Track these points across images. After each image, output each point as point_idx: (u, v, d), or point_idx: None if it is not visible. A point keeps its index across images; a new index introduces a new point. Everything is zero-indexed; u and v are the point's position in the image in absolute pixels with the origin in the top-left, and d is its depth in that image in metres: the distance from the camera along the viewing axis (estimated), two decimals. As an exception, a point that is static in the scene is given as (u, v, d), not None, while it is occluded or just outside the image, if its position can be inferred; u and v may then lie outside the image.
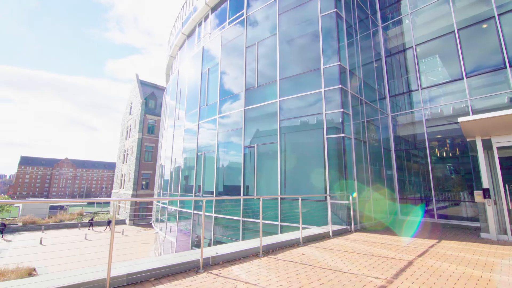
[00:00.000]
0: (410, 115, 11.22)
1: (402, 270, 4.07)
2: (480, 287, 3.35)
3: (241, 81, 11.34)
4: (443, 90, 10.46)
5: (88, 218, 39.03)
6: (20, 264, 15.97)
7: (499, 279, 3.68)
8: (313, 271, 3.96)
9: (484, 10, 9.67)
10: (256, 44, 11.10)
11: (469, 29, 9.88)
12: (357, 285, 3.38)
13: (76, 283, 2.58)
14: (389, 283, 3.47)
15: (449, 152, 10.59)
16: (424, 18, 11.36)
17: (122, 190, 42.83)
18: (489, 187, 6.84)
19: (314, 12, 9.56)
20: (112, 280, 2.88)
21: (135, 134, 41.60)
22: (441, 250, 5.39)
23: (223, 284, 3.36)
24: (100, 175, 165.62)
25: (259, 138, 10.30)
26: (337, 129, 8.46)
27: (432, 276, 3.79)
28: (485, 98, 9.10)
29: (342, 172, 8.10)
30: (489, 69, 9.21)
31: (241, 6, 13.02)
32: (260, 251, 4.77)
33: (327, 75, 8.74)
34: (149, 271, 3.42)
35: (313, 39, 9.47)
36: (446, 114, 10.17)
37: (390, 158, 11.19)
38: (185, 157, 14.47)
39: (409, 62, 11.56)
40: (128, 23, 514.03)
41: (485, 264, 4.44)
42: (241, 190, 10.29)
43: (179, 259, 3.85)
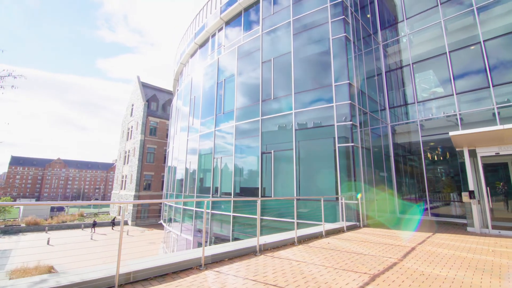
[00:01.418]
0: (408, 125, 12.62)
1: (408, 253, 5.36)
2: (465, 264, 4.65)
3: (258, 93, 12.56)
4: (436, 104, 11.90)
5: (89, 219, 39.56)
6: (40, 262, 16.75)
7: (479, 258, 5.00)
8: (341, 254, 5.21)
9: (472, 34, 11.13)
10: (271, 60, 12.34)
11: (459, 51, 11.34)
12: (378, 262, 4.64)
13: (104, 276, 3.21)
14: (400, 261, 4.75)
15: (440, 158, 12.03)
16: (420, 39, 12.80)
17: (123, 191, 43.40)
18: (474, 189, 8.23)
19: (326, 34, 10.86)
20: (187, 262, 4.07)
21: (137, 136, 42.29)
22: (436, 240, 6.72)
23: (281, 261, 4.58)
24: (94, 176, 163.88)
25: (275, 144, 11.53)
26: (346, 138, 9.77)
27: (431, 257, 5.09)
28: (472, 113, 10.55)
29: (351, 176, 9.40)
30: (476, 87, 10.67)
31: (256, 22, 14.26)
32: (296, 241, 6.00)
33: (338, 91, 10.04)
34: (225, 253, 4.61)
35: (325, 58, 10.77)
36: (439, 125, 11.60)
37: (389, 163, 12.56)
38: (201, 160, 15.58)
39: (406, 77, 12.99)
40: (118, 22, 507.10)
41: (469, 249, 5.77)
42: (259, 192, 11.50)
43: (242, 245, 5.05)
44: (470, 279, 3.83)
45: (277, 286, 3.46)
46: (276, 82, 12.04)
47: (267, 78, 12.39)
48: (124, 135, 48.45)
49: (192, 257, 4.11)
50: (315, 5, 11.40)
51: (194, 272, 3.92)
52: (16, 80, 6.28)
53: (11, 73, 6.25)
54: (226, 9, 15.87)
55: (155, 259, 3.99)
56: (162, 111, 45.83)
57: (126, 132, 47.53)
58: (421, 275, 3.98)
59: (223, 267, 4.18)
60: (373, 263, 4.57)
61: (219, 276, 3.79)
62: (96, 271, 3.37)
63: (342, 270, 4.18)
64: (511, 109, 9.81)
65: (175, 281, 3.55)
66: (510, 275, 4.04)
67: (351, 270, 4.19)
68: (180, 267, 3.95)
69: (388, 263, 4.58)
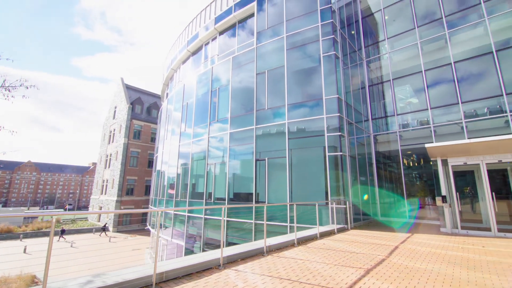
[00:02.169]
0: (388, 135, 13.80)
1: (393, 251, 6.18)
2: (440, 259, 5.52)
3: (252, 102, 13.20)
4: (413, 116, 13.17)
5: (67, 226, 37.88)
6: (22, 271, 16.10)
7: (451, 254, 5.91)
8: (337, 252, 5.92)
9: (444, 56, 12.53)
10: (266, 72, 13.06)
11: (433, 70, 12.70)
12: (369, 258, 5.39)
13: (143, 276, 4.06)
14: (387, 257, 5.54)
15: (417, 166, 13.28)
16: (399, 57, 14.11)
17: (104, 196, 42.06)
18: (446, 194, 9.36)
19: (317, 51, 11.77)
20: (216, 260, 4.60)
21: (120, 139, 41.32)
22: (415, 239, 7.66)
23: (287, 260, 5.20)
24: (68, 180, 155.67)
25: (268, 152, 12.19)
26: (335, 147, 10.64)
27: (412, 253, 5.94)
28: (444, 126, 11.86)
29: (339, 182, 10.26)
30: (447, 103, 12.01)
31: (250, 34, 14.96)
32: (296, 242, 6.65)
33: (328, 104, 10.93)
34: (238, 254, 5.16)
35: (316, 73, 11.66)
36: (416, 135, 12.85)
37: (372, 169, 13.64)
38: (193, 166, 15.89)
39: (387, 91, 14.22)
40: (95, 19, 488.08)
41: (443, 247, 6.72)
42: (253, 197, 12.07)
43: (250, 247, 5.62)
44: (444, 271, 4.66)
45: (291, 280, 4.07)
46: (270, 93, 12.76)
47: (261, 89, 13.08)
48: (106, 138, 47.08)
49: (212, 258, 4.63)
50: (307, 23, 12.31)
51: (215, 271, 4.44)
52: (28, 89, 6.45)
53: (23, 83, 6.42)
54: (220, 20, 16.46)
55: (180, 260, 4.46)
56: (147, 114, 45.15)
57: (108, 135, 46.22)
58: (406, 268, 4.76)
59: (239, 266, 4.73)
60: (365, 260, 5.31)
61: (239, 274, 4.34)
62: (134, 272, 3.80)
63: (341, 266, 4.88)
64: (477, 123, 11.18)
65: (201, 279, 4.06)
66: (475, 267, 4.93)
67: (348, 265, 4.89)
68: (202, 267, 4.46)
69: (377, 260, 5.34)
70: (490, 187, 8.70)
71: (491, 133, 10.70)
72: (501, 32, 11.24)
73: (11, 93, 6.41)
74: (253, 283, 3.91)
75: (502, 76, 10.78)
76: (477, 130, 11.06)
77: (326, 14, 11.91)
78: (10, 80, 6.58)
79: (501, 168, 9.93)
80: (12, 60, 6.63)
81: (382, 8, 14.89)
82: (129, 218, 39.08)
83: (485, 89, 11.26)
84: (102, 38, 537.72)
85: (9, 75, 6.44)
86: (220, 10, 16.75)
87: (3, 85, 6.24)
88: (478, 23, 11.76)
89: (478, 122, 11.10)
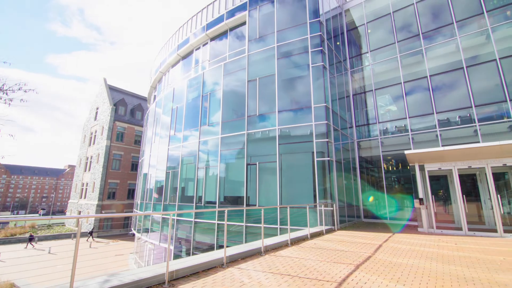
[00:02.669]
0: (370, 141, 14.69)
1: (377, 249, 6.77)
2: (419, 255, 6.16)
3: (243, 108, 13.60)
4: (393, 124, 14.13)
5: (43, 232, 36.02)
6: None
7: (428, 250, 6.59)
8: (327, 251, 6.41)
9: (421, 69, 13.61)
10: (257, 79, 13.53)
11: (411, 82, 13.75)
12: (357, 256, 5.92)
13: (156, 274, 4.46)
14: (373, 254, 6.10)
15: (397, 170, 14.23)
16: (381, 69, 15.10)
17: (84, 200, 40.51)
18: (423, 196, 10.21)
19: (306, 61, 12.42)
20: (215, 261, 4.93)
21: (102, 141, 40.10)
22: (396, 238, 8.34)
23: (284, 258, 5.61)
24: (41, 183, 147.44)
25: (259, 157, 12.60)
26: (323, 153, 11.26)
27: (394, 251, 6.55)
28: (421, 134, 12.87)
29: (326, 186, 10.86)
30: (423, 113, 13.05)
31: (241, 41, 15.41)
32: (289, 242, 7.08)
33: (316, 112, 11.56)
34: (238, 254, 5.50)
35: (305, 82, 12.29)
36: (396, 142, 13.80)
37: (356, 173, 14.43)
38: (183, 170, 15.96)
39: (370, 100, 15.15)
40: (73, 16, 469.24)
41: (421, 244, 7.42)
42: (244, 201, 12.41)
43: (249, 247, 5.98)
44: (423, 265, 5.27)
45: (291, 275, 4.48)
46: (261, 99, 13.23)
47: (252, 95, 13.53)
48: (86, 140, 45.49)
49: (216, 258, 4.94)
50: (297, 35, 12.95)
51: (219, 269, 4.76)
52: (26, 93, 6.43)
53: (21, 86, 6.40)
54: (212, 27, 16.79)
55: (187, 260, 4.74)
56: (131, 116, 44.19)
57: (89, 137, 44.70)
58: (390, 263, 5.32)
59: (241, 265, 5.07)
60: (354, 257, 5.84)
61: (242, 271, 4.68)
62: (148, 271, 4.05)
63: (333, 262, 5.36)
64: (449, 131, 12.25)
65: (208, 277, 4.36)
66: (449, 261, 5.59)
67: (339, 262, 5.38)
68: (207, 266, 4.76)
69: (365, 256, 5.88)
70: (461, 190, 9.62)
71: (462, 141, 11.77)
72: (471, 49, 12.45)
73: (8, 96, 6.38)
74: (257, 279, 4.28)
75: (471, 90, 11.93)
76: (450, 138, 12.13)
77: (315, 27, 12.62)
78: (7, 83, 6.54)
79: (471, 173, 10.97)
80: (9, 63, 6.61)
81: (366, 23, 15.90)
82: (110, 223, 37.85)
83: (457, 100, 12.39)
84: (79, 36, 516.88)
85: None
86: (212, 17, 17.10)
87: (1, 88, 6.20)
88: (451, 40, 12.94)
89: (451, 131, 12.18)
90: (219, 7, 16.88)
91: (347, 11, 16.80)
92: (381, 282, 4.15)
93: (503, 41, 11.70)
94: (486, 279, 4.35)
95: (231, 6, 16.11)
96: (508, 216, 10.18)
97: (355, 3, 16.49)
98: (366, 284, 4.05)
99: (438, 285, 4.04)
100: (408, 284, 4.08)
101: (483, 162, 9.34)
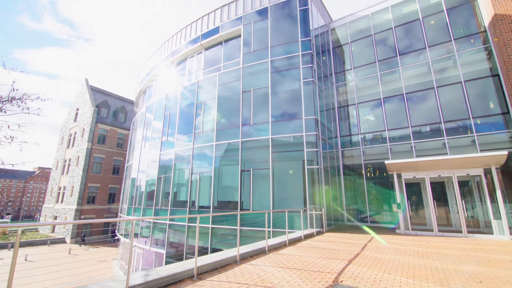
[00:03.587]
0: (353, 151, 15.99)
1: (364, 247, 7.77)
2: (399, 252, 7.22)
3: (237, 117, 14.34)
4: (373, 136, 15.53)
5: (14, 238, 33.96)
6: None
7: (406, 248, 7.69)
8: (322, 250, 7.30)
9: (398, 87, 15.16)
10: (251, 90, 14.37)
11: (390, 98, 15.25)
12: (347, 253, 6.85)
13: (185, 269, 5.18)
14: (361, 252, 7.07)
15: (377, 177, 15.59)
16: (363, 85, 16.55)
17: (60, 204, 38.80)
18: (400, 202, 11.48)
19: (297, 76, 13.47)
20: (230, 259, 5.64)
21: (82, 144, 38.82)
22: (378, 238, 9.44)
23: (287, 256, 6.40)
24: (7, 187, 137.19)
25: (253, 164, 13.37)
26: (312, 161, 12.27)
27: (378, 249, 7.57)
28: (398, 144, 14.32)
29: (316, 191, 11.84)
30: (400, 126, 14.54)
31: (236, 53, 16.21)
32: (287, 243, 7.89)
33: (307, 123, 12.59)
34: (247, 252, 6.21)
35: (296, 95, 13.30)
36: (376, 152, 15.17)
37: (340, 180, 15.62)
38: (175, 175, 16.30)
39: (353, 113, 16.51)
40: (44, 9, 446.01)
41: (400, 243, 8.54)
42: (238, 205, 13.07)
43: (255, 247, 6.71)
44: (403, 259, 6.29)
45: (297, 268, 5.28)
46: (255, 109, 14.06)
47: (247, 105, 14.33)
48: (65, 142, 43.71)
49: (230, 256, 5.63)
50: (289, 51, 14.00)
51: (235, 265, 5.45)
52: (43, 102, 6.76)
53: (39, 96, 6.72)
54: (206, 38, 17.46)
55: (207, 258, 5.39)
56: (113, 118, 43.20)
57: (68, 139, 43.02)
58: (376, 258, 6.29)
59: (252, 262, 5.79)
60: (345, 254, 6.76)
61: (255, 267, 5.41)
62: (179, 266, 4.68)
63: (329, 259, 6.23)
64: (422, 144, 13.77)
65: (228, 271, 5.05)
66: (424, 256, 6.67)
67: (334, 258, 6.27)
68: (224, 262, 5.43)
69: (354, 253, 6.83)
70: (432, 196, 10.99)
71: (433, 152, 13.31)
72: (440, 71, 14.14)
73: (26, 105, 6.68)
74: (270, 272, 5.03)
75: (441, 107, 13.55)
76: (423, 149, 13.64)
77: (306, 45, 13.74)
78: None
79: (440, 181, 12.47)
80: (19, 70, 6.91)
81: (350, 42, 17.37)
82: (90, 229, 36.51)
83: (429, 116, 13.97)
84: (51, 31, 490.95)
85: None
86: (207, 28, 17.78)
87: (20, 97, 6.50)
88: (423, 62, 14.60)
89: (423, 143, 13.71)
90: (214, 19, 17.61)
91: (333, 29, 18.22)
92: (371, 273, 5.07)
93: (467, 65, 13.48)
94: (452, 268, 5.42)
95: (226, 19, 16.92)
96: (472, 219, 11.73)
97: (340, 23, 17.95)
98: (360, 274, 4.95)
99: (416, 274, 5.03)
100: (392, 273, 5.03)
101: (450, 172, 10.78)
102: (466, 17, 14.13)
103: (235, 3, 16.85)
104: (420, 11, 15.13)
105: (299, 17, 14.34)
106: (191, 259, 4.96)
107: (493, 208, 9.78)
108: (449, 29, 14.20)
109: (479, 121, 12.66)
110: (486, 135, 12.31)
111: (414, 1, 15.45)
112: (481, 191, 10.63)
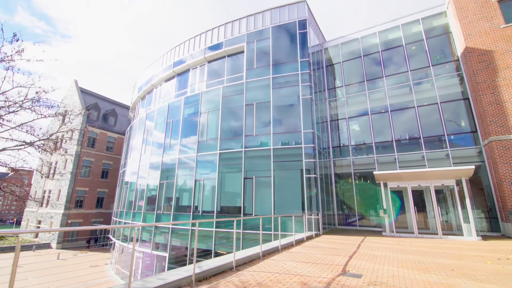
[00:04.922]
0: (344, 161, 17.56)
1: (359, 246, 9.12)
2: (387, 250, 8.62)
3: (241, 128, 15.50)
4: (362, 148, 17.19)
5: None
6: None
7: (392, 247, 9.13)
8: (324, 249, 8.56)
9: (384, 104, 16.96)
10: (254, 104, 15.61)
11: (376, 114, 17.01)
12: (346, 251, 8.16)
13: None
14: (357, 250, 8.40)
15: (366, 186, 17.21)
16: (353, 101, 18.27)
17: (45, 209, 37.81)
18: (386, 207, 13.05)
19: (297, 92, 14.88)
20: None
21: (70, 147, 38.19)
22: (368, 240, 10.87)
23: (297, 253, 7.60)
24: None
25: (255, 172, 14.53)
26: (309, 170, 13.63)
27: (371, 247, 8.95)
28: (383, 156, 16.03)
29: (313, 198, 13.18)
30: (385, 140, 16.28)
31: (239, 67, 17.43)
32: (294, 243, 9.10)
33: (305, 136, 13.97)
34: (265, 251, 7.35)
35: (295, 110, 14.69)
36: (364, 162, 16.82)
37: (332, 188, 17.10)
38: (179, 181, 17.11)
39: (343, 127, 18.15)
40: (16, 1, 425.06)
41: (387, 243, 9.99)
42: (241, 210, 14.14)
43: (270, 246, 7.86)
44: (392, 255, 7.67)
45: (310, 262, 6.49)
46: (257, 122, 15.29)
47: (249, 117, 15.53)
48: (51, 144, 42.59)
49: (255, 253, 6.74)
50: (289, 70, 15.43)
51: (260, 261, 6.57)
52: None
53: (58, 103, 7.54)
54: (210, 52, 18.58)
55: (238, 254, 6.47)
56: (103, 121, 42.84)
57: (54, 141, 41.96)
58: (371, 255, 7.64)
59: (272, 257, 6.94)
60: (345, 252, 8.06)
61: (276, 261, 6.56)
62: (220, 260, 5.73)
63: (333, 255, 7.50)
64: (405, 156, 15.53)
65: (255, 265, 6.16)
66: (410, 252, 8.09)
67: (337, 255, 7.54)
68: (251, 258, 6.54)
69: (352, 251, 8.15)
70: (413, 203, 12.63)
71: (414, 164, 15.10)
72: (421, 93, 16.07)
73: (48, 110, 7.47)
74: (290, 264, 6.20)
75: (420, 124, 15.41)
76: (405, 161, 15.41)
77: (304, 65, 15.23)
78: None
79: (420, 190, 14.19)
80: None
81: (341, 61, 19.12)
82: (76, 234, 35.80)
83: (411, 131, 15.80)
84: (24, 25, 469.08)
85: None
86: (211, 42, 18.91)
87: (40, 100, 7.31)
88: (406, 84, 16.50)
89: (405, 155, 15.48)
90: (218, 35, 18.79)
91: (326, 49, 19.93)
92: (370, 265, 6.38)
93: (443, 88, 15.47)
94: (431, 261, 6.84)
95: (230, 36, 18.16)
96: (446, 223, 13.49)
97: (332, 44, 19.70)
98: (361, 266, 6.24)
99: (404, 265, 6.39)
100: (386, 265, 6.36)
101: (428, 182, 12.49)
102: (443, 46, 16.23)
103: (238, 22, 18.15)
104: (404, 38, 17.13)
105: (298, 39, 15.85)
106: (223, 255, 6.02)
107: (463, 214, 11.52)
108: (428, 55, 16.22)
109: (452, 137, 14.59)
110: (458, 149, 14.23)
111: (398, 29, 17.45)
112: (453, 199, 12.39)
